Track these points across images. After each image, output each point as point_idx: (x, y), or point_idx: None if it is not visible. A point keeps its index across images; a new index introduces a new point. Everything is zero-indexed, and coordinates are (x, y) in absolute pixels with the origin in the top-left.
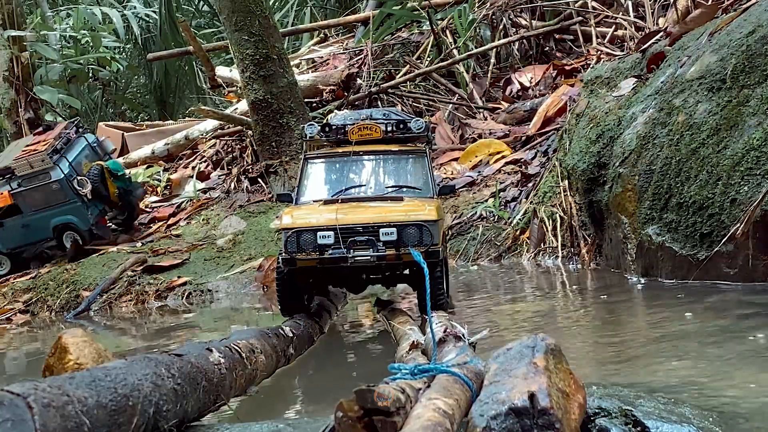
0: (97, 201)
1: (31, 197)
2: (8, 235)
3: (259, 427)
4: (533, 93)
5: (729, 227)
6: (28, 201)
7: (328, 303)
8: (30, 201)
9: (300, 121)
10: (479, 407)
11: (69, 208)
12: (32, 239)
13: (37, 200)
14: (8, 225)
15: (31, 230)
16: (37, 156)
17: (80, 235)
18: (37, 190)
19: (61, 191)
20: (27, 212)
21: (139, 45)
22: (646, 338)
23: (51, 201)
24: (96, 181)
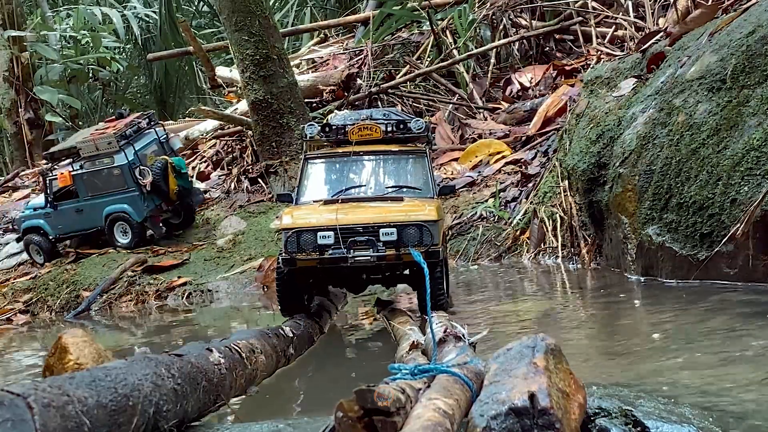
0: (155, 195)
1: (90, 180)
2: (61, 220)
3: (259, 427)
4: (533, 93)
5: (729, 227)
6: (86, 184)
7: (328, 303)
8: (89, 184)
9: (300, 121)
10: (479, 407)
11: (126, 197)
12: (85, 226)
13: (96, 184)
14: (62, 209)
15: (84, 216)
16: (104, 138)
17: (131, 227)
18: (97, 174)
19: (121, 178)
20: (83, 196)
21: (139, 45)
22: (646, 338)
23: (109, 187)
24: (158, 175)
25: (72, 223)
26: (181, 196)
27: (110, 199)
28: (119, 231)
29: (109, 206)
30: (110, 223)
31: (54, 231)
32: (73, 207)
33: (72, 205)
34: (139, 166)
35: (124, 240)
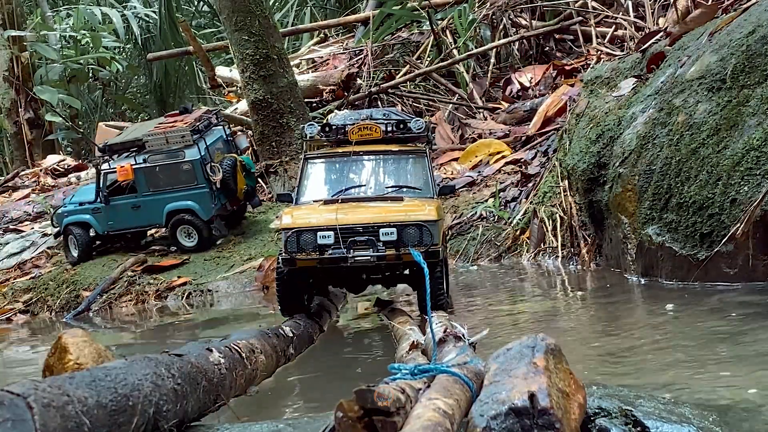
0: (223, 193)
1: (153, 175)
2: (113, 216)
3: (259, 427)
4: (533, 93)
5: (729, 227)
6: (149, 179)
7: (328, 303)
8: (151, 179)
9: (300, 121)
10: (479, 407)
11: (194, 193)
12: (140, 223)
13: (160, 180)
14: (115, 204)
15: (141, 213)
16: (176, 132)
17: (196, 228)
18: (163, 168)
19: (191, 173)
20: (142, 192)
21: (139, 45)
22: (646, 338)
23: (175, 183)
24: (228, 173)
25: (126, 220)
26: (248, 196)
27: (174, 195)
28: (183, 234)
29: (172, 203)
30: (174, 224)
31: (103, 227)
32: (129, 203)
33: (128, 200)
34: (210, 162)
35: (190, 243)
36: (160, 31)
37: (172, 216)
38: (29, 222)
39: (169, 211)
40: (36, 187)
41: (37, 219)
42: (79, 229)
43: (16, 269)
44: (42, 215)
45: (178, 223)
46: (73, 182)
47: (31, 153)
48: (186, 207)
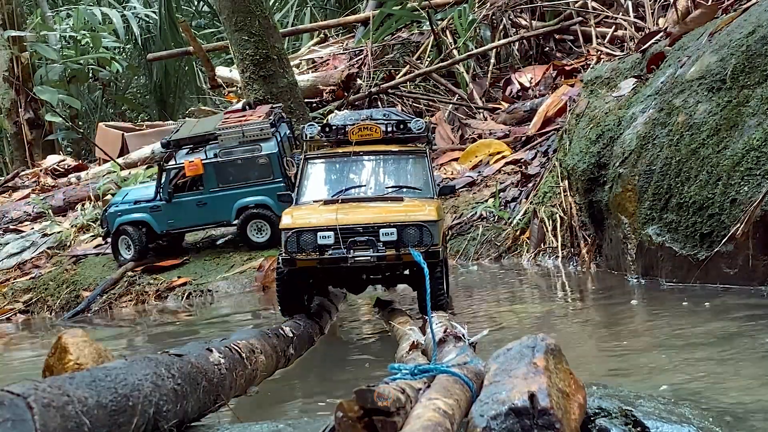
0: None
1: (224, 170)
2: (175, 214)
3: (259, 427)
4: (533, 93)
5: (729, 227)
6: (219, 174)
7: (328, 303)
8: (222, 175)
9: (300, 121)
10: (479, 407)
11: (268, 188)
12: (207, 220)
13: (230, 175)
14: (178, 201)
15: (207, 210)
16: (254, 125)
17: (269, 221)
18: (237, 163)
19: (267, 167)
20: (210, 187)
21: (139, 45)
22: (646, 338)
23: (248, 177)
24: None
25: (189, 218)
26: None
27: (245, 191)
28: (253, 229)
29: (243, 198)
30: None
31: (162, 226)
32: (194, 199)
33: (193, 197)
34: (285, 156)
35: (261, 238)
36: (160, 32)
37: (241, 212)
38: (29, 222)
39: (240, 207)
40: (36, 188)
41: (37, 219)
42: (133, 229)
43: (16, 269)
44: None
45: (249, 219)
46: (73, 182)
47: (31, 153)
48: (260, 202)
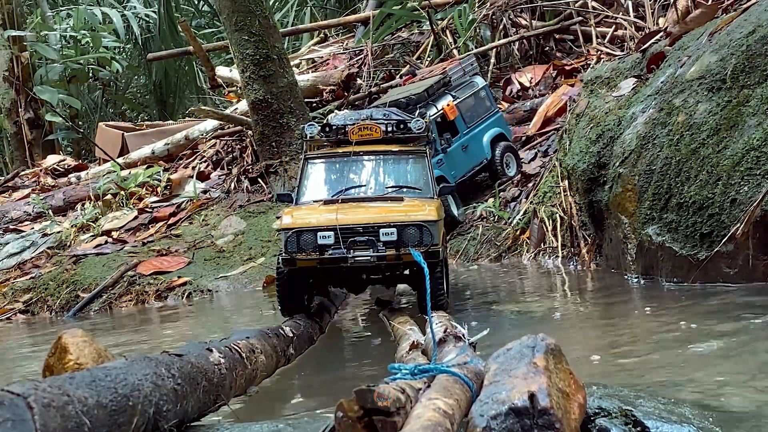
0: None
1: (466, 108)
2: (451, 164)
3: (259, 427)
4: (533, 93)
5: (729, 227)
6: (465, 114)
7: (328, 303)
8: (466, 114)
9: (300, 121)
10: (479, 407)
11: (495, 118)
12: (472, 164)
13: (471, 112)
14: (450, 151)
15: (469, 153)
16: (467, 61)
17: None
18: (470, 99)
19: (487, 100)
20: (462, 131)
21: (139, 45)
22: (646, 338)
23: (479, 113)
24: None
25: (461, 165)
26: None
27: (483, 126)
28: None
29: (487, 131)
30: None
31: (452, 179)
32: (458, 145)
33: (458, 143)
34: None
35: (511, 171)
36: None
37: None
38: (29, 222)
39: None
40: (36, 188)
41: (37, 219)
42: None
43: (16, 269)
44: (42, 215)
45: (504, 152)
46: (73, 182)
47: (31, 153)
48: (499, 132)
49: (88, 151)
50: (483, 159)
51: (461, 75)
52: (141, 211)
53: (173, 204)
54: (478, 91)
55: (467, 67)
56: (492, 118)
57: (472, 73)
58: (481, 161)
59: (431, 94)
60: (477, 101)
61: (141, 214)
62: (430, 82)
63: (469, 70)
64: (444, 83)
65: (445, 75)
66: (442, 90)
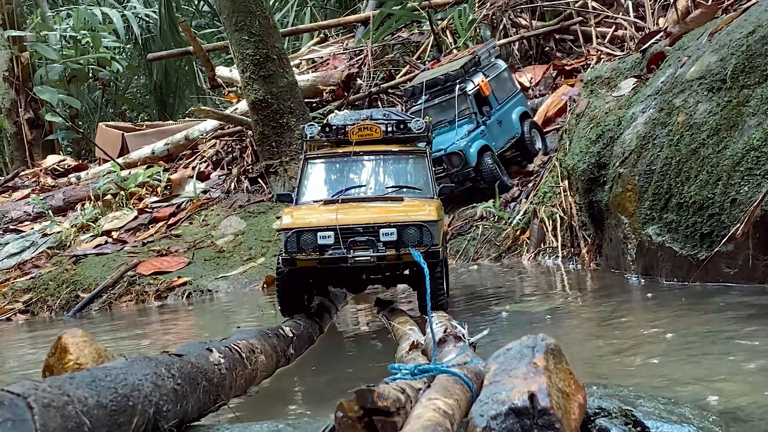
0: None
1: (495, 87)
2: (493, 135)
3: (259, 427)
4: (533, 93)
5: (729, 227)
6: (495, 92)
7: (328, 303)
8: (497, 92)
9: (300, 121)
10: (479, 407)
11: (518, 98)
12: (508, 136)
13: (499, 91)
14: (488, 123)
15: (503, 127)
16: (489, 44)
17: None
18: (496, 79)
19: (509, 80)
20: (495, 106)
21: (139, 45)
22: (646, 338)
23: (504, 92)
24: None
25: (499, 137)
26: None
27: (511, 104)
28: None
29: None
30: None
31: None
32: (494, 119)
33: (494, 117)
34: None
35: (538, 145)
36: (160, 31)
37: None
38: (29, 222)
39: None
40: (36, 188)
41: (37, 219)
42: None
43: (16, 269)
44: (42, 215)
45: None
46: (73, 182)
47: (31, 153)
48: (524, 111)
49: (88, 151)
50: (515, 134)
51: (487, 56)
52: (141, 211)
53: (173, 204)
54: (502, 72)
55: (491, 49)
56: (516, 97)
57: (495, 55)
58: (514, 135)
59: (467, 71)
60: (502, 81)
61: (141, 214)
62: (464, 60)
63: (493, 52)
64: (476, 62)
65: (475, 55)
66: (474, 68)
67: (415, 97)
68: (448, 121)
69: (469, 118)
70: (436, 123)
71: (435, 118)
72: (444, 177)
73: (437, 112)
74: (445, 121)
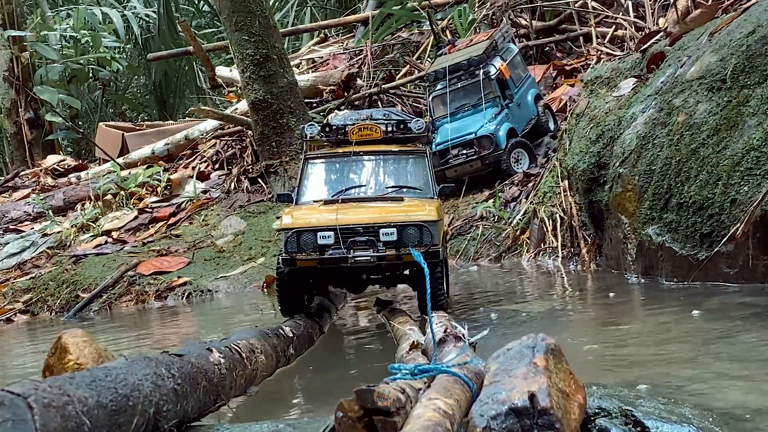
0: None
1: (513, 69)
2: (515, 117)
3: (259, 427)
4: None
5: (729, 227)
6: (513, 76)
7: (328, 303)
8: (514, 75)
9: (300, 121)
10: (479, 407)
11: (531, 81)
12: (526, 118)
13: (516, 76)
14: (509, 106)
15: (522, 110)
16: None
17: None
18: (513, 62)
19: (521, 64)
20: (513, 89)
21: (139, 45)
22: (646, 338)
23: (520, 75)
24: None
25: (521, 119)
26: None
27: (526, 86)
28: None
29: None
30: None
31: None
32: (514, 103)
33: (513, 101)
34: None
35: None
36: (160, 31)
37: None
38: (29, 222)
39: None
40: (36, 187)
41: (37, 219)
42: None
43: (16, 269)
44: (42, 215)
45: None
46: (73, 182)
47: (31, 153)
48: (537, 93)
49: (88, 151)
50: (532, 115)
51: (502, 41)
52: (141, 211)
53: (173, 204)
54: (516, 55)
55: (505, 33)
56: (529, 80)
57: (509, 39)
58: (532, 117)
59: (488, 55)
60: (516, 64)
61: (141, 214)
62: (483, 45)
63: (507, 36)
64: (494, 47)
65: (492, 39)
66: (493, 53)
67: (438, 81)
68: (472, 105)
69: (493, 101)
70: (458, 107)
71: (457, 102)
72: (476, 159)
73: (460, 96)
74: (468, 104)
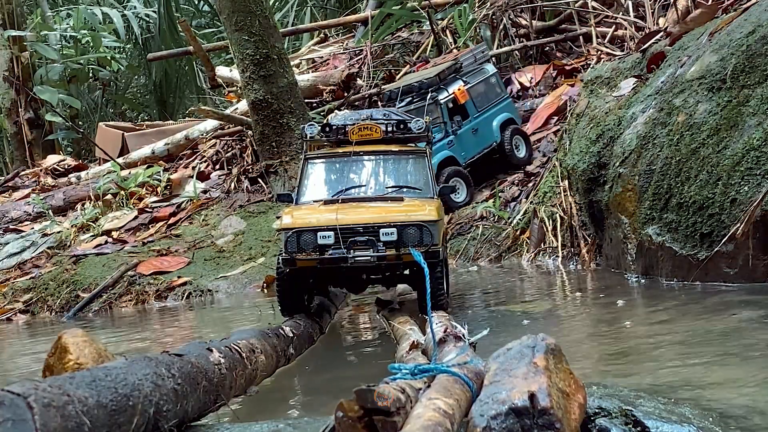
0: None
1: (477, 94)
2: (461, 146)
3: (259, 427)
4: (533, 93)
5: (729, 227)
6: (475, 99)
7: (328, 303)
8: (477, 99)
9: (300, 121)
10: (479, 407)
11: (505, 104)
12: (482, 146)
13: (481, 97)
14: (460, 133)
15: (479, 136)
16: (479, 48)
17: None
18: (481, 85)
19: (497, 86)
20: (473, 114)
21: (139, 45)
22: (646, 338)
23: (489, 98)
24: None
25: (471, 146)
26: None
27: (494, 111)
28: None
29: (497, 116)
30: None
31: (464, 159)
32: (469, 128)
33: (468, 126)
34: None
35: (520, 155)
36: (160, 31)
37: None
38: (29, 222)
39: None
40: (36, 187)
41: (37, 219)
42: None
43: (16, 269)
44: (42, 215)
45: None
46: (73, 182)
47: (31, 153)
48: (508, 117)
49: (88, 151)
50: (492, 142)
51: (472, 62)
52: (141, 211)
53: (173, 204)
54: (489, 77)
55: (478, 54)
56: (502, 103)
57: (482, 60)
58: (491, 144)
59: (443, 78)
60: (488, 87)
61: (141, 214)
62: (442, 67)
63: (480, 57)
64: (455, 69)
65: (456, 61)
66: (453, 75)
67: (392, 102)
68: None
69: (439, 127)
70: None
71: None
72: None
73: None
74: None
